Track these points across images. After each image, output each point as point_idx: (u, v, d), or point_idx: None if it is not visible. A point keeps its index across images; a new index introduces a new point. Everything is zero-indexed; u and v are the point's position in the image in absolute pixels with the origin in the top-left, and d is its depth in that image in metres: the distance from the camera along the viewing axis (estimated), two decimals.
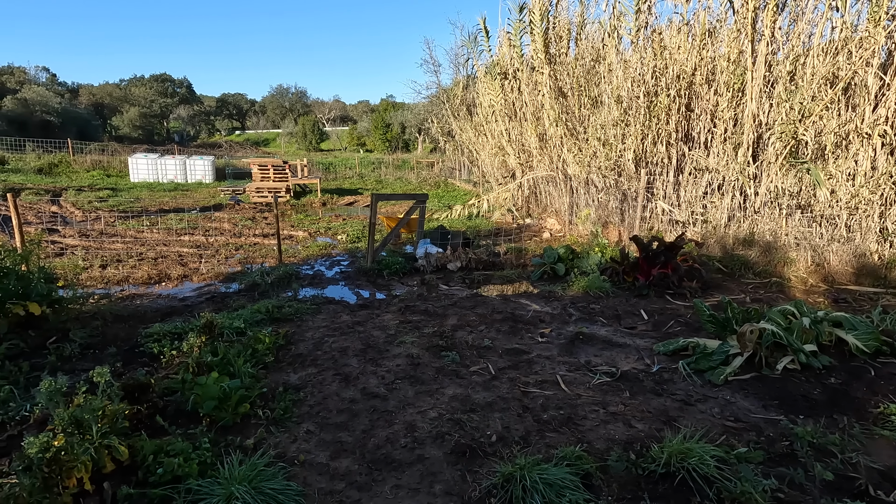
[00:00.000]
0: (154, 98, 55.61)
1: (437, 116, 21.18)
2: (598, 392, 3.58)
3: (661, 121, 8.34)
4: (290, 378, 3.72)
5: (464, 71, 17.65)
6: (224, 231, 10.44)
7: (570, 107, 10.50)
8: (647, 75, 8.22)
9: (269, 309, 5.06)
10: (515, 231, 10.35)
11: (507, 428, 3.06)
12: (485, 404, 3.35)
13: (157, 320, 4.94)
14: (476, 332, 4.77)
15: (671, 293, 5.98)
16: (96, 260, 7.40)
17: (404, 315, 5.24)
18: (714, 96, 8.00)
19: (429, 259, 7.30)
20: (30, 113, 38.01)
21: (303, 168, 21.29)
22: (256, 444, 2.80)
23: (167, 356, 3.92)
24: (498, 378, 3.78)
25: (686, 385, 3.67)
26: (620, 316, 5.29)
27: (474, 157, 16.69)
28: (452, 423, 3.08)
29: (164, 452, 2.56)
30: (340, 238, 9.84)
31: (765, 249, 7.11)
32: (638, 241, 6.23)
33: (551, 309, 5.51)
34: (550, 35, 10.55)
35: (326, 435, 2.97)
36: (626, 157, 8.94)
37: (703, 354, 3.93)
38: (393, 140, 47.64)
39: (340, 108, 70.98)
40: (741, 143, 7.71)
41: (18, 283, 4.21)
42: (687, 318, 5.18)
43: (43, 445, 2.13)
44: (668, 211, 8.53)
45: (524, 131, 12.35)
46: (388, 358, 4.11)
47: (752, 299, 5.93)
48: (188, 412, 3.10)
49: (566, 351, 4.35)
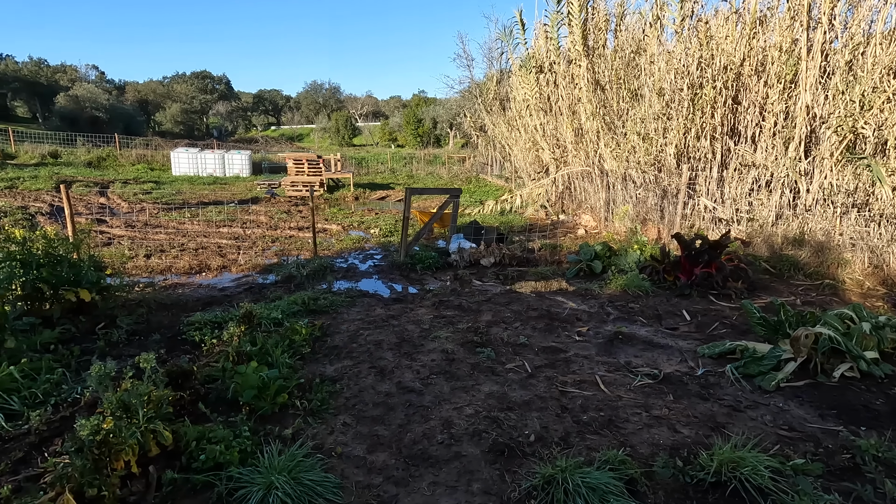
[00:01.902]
0: (195, 94, 57.42)
1: (470, 111, 21.06)
2: (639, 394, 3.45)
3: (705, 114, 8.00)
4: (326, 370, 3.75)
5: (497, 65, 17.47)
6: (261, 223, 10.66)
7: (607, 100, 10.22)
8: (691, 66, 7.89)
9: (305, 301, 5.12)
10: (549, 227, 10.17)
11: (546, 428, 2.98)
12: (522, 403, 3.28)
13: (198, 309, 5.06)
14: (511, 328, 4.69)
15: (715, 293, 5.74)
16: (141, 250, 7.67)
17: (438, 310, 5.21)
18: (764, 88, 7.61)
19: (462, 254, 7.25)
20: (80, 109, 39.87)
21: (336, 162, 21.56)
22: (294, 435, 2.82)
23: (208, 344, 4.01)
24: (535, 376, 3.70)
25: (734, 390, 3.50)
26: (661, 316, 5.11)
27: (507, 152, 16.52)
28: (489, 421, 3.02)
29: (207, 439, 2.60)
30: (373, 232, 9.90)
31: (816, 250, 6.73)
32: (680, 239, 6.00)
33: (588, 307, 5.37)
34: (589, 26, 10.28)
35: (363, 428, 2.96)
36: (668, 151, 8.63)
37: (752, 358, 3.74)
38: (424, 135, 47.72)
39: (373, 103, 71.57)
40: (792, 138, 7.32)
41: (70, 271, 4.38)
42: (732, 321, 4.95)
43: (94, 428, 2.18)
44: (712, 208, 8.19)
45: (559, 126, 12.11)
46: (422, 352, 4.09)
47: (804, 302, 5.63)
48: (228, 400, 3.15)
49: (605, 350, 4.23)
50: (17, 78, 44.61)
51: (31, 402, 3.07)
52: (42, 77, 46.13)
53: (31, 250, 4.27)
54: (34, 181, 16.02)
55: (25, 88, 45.44)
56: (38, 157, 21.88)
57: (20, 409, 2.97)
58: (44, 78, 46.12)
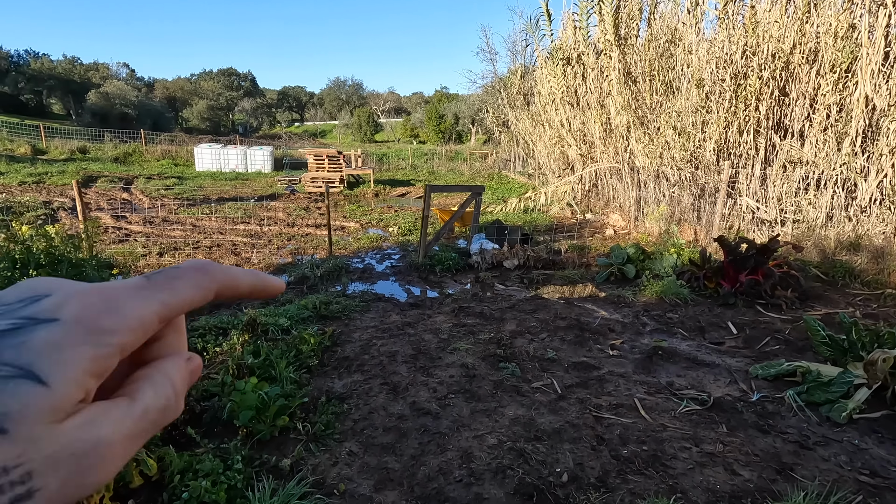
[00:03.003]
0: (221, 91, 58.21)
1: (492, 106, 20.58)
2: (686, 423, 3.02)
3: (749, 107, 7.41)
4: (334, 385, 3.42)
5: (521, 59, 16.97)
6: (278, 221, 10.47)
7: (639, 93, 9.65)
8: (735, 55, 7.30)
9: (317, 305, 4.81)
10: (575, 227, 9.69)
11: (580, 465, 2.58)
12: (551, 431, 2.89)
13: (204, 312, 4.81)
14: (537, 340, 4.29)
15: (763, 303, 5.22)
16: (155, 247, 7.51)
17: (458, 317, 4.84)
18: (815, 78, 6.98)
19: (484, 255, 6.86)
20: (110, 106, 40.77)
21: (357, 159, 21.36)
22: (293, 466, 2.49)
23: (210, 353, 3.74)
24: (565, 398, 3.30)
25: (798, 421, 3.04)
26: (704, 328, 4.63)
27: (530, 148, 16.02)
28: (515, 455, 2.64)
29: (193, 472, 2.29)
30: (392, 230, 9.58)
31: (875, 255, 6.12)
32: (724, 243, 5.48)
33: (621, 316, 4.93)
34: (621, 14, 9.71)
35: (371, 458, 2.62)
36: (706, 147, 8.05)
37: (817, 383, 3.26)
38: (446, 131, 47.32)
39: (395, 99, 71.47)
40: (847, 132, 6.69)
41: (71, 271, 4.16)
42: (785, 335, 4.44)
43: None
44: (755, 208, 7.60)
45: (586, 120, 11.58)
46: (440, 367, 3.73)
47: (864, 314, 5.06)
48: (225, 420, 2.85)
49: (643, 368, 3.79)
50: (52, 76, 45.91)
51: None
52: (75, 75, 47.35)
53: (31, 250, 4.06)
54: (61, 176, 16.24)
55: (60, 86, 46.73)
56: (67, 153, 22.31)
57: None
58: (77, 76, 47.35)
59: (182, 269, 0.27)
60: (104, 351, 0.23)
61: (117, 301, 0.24)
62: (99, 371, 0.23)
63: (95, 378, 0.23)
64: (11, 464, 0.20)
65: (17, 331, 0.22)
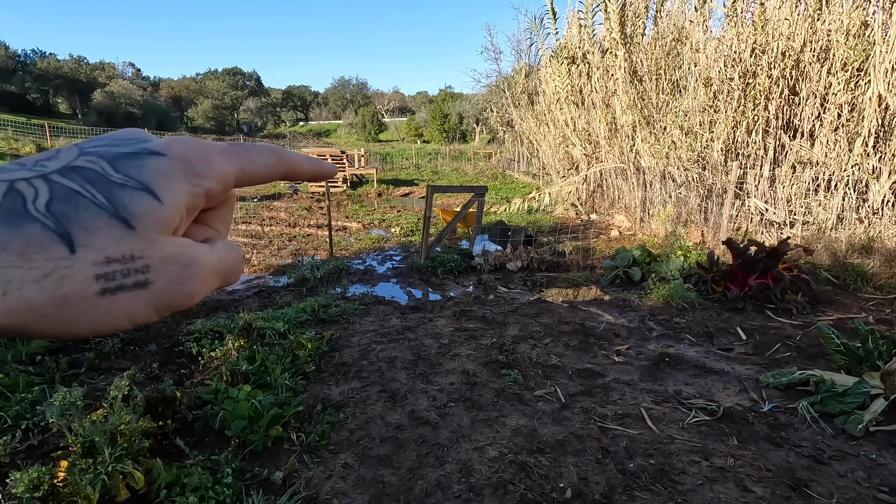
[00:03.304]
0: (226, 91, 58.33)
1: (497, 106, 20.46)
2: (695, 434, 2.91)
3: (758, 106, 7.26)
4: (330, 392, 3.32)
5: (526, 58, 16.85)
6: (280, 221, 10.40)
7: (645, 92, 9.51)
8: (744, 53, 7.16)
9: (315, 308, 4.72)
10: (580, 228, 9.56)
11: (585, 480, 2.47)
12: (555, 443, 2.79)
13: (201, 315, 4.73)
14: (540, 345, 4.18)
15: (772, 308, 5.08)
16: None
17: (459, 321, 4.74)
18: (826, 77, 6.83)
19: (486, 257, 6.75)
20: (116, 105, 40.91)
21: (360, 158, 21.30)
22: (286, 479, 2.40)
23: (206, 358, 3.65)
24: (569, 407, 3.19)
25: (812, 433, 2.92)
26: (712, 334, 4.51)
27: (534, 147, 15.89)
28: (516, 468, 2.54)
29: (181, 486, 2.20)
30: (394, 231, 9.49)
31: (888, 258, 5.97)
32: (732, 245, 5.35)
33: (627, 321, 4.81)
34: (627, 13, 9.57)
35: (367, 471, 2.52)
36: (714, 147, 7.91)
37: (831, 393, 3.14)
38: (450, 131, 47.21)
39: (399, 99, 71.43)
40: (859, 132, 6.54)
41: None
42: (797, 341, 4.31)
43: (32, 482, 1.80)
44: (763, 210, 7.45)
45: (591, 120, 11.44)
46: (440, 373, 3.63)
47: (877, 319, 4.92)
48: (217, 430, 2.76)
49: (649, 375, 3.68)
50: (58, 75, 46.12)
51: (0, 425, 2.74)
52: (81, 74, 47.54)
53: None
54: None
55: (66, 85, 46.94)
56: None
57: None
58: (83, 75, 47.54)
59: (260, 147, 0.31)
60: (197, 190, 0.27)
61: (209, 155, 0.28)
62: (192, 206, 0.27)
63: (189, 212, 0.27)
64: (137, 254, 0.24)
65: (136, 155, 0.26)
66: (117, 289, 0.24)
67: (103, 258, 0.23)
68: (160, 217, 0.25)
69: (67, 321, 0.23)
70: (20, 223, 0.22)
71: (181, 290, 0.26)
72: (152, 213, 0.25)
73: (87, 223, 0.23)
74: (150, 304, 0.25)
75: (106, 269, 0.23)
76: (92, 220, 0.23)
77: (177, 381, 3.39)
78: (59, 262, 0.22)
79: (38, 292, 0.22)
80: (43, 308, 0.22)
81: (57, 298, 0.22)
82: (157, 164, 0.26)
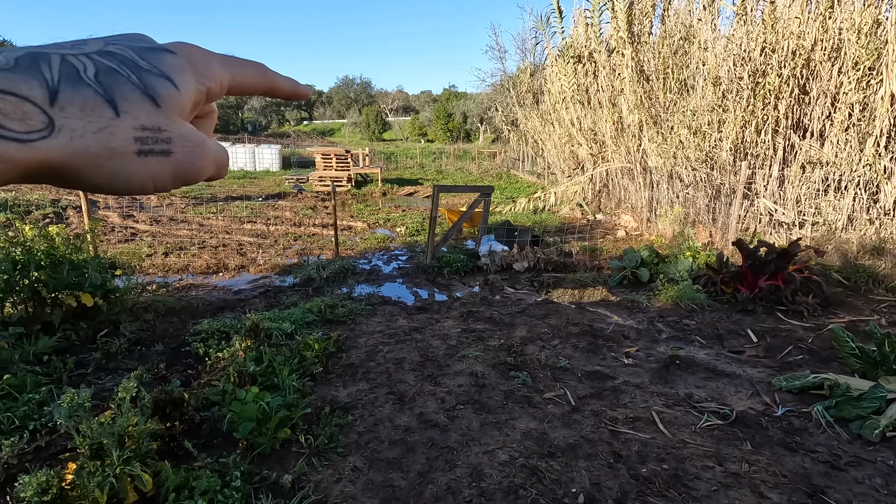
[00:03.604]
0: None
1: (501, 105, 20.40)
2: (707, 439, 2.87)
3: (767, 105, 7.19)
4: (338, 394, 3.30)
5: (531, 57, 16.82)
6: (285, 220, 10.39)
7: (652, 91, 9.44)
8: (754, 52, 7.08)
9: (322, 309, 4.70)
10: (586, 228, 9.51)
11: (597, 485, 2.44)
12: (566, 447, 2.75)
13: (208, 315, 4.72)
14: (549, 347, 4.14)
15: (783, 310, 5.03)
16: (160, 247, 7.45)
17: (466, 322, 4.70)
18: (837, 76, 6.75)
19: (493, 258, 6.71)
20: None
21: (364, 157, 21.29)
22: (294, 483, 2.38)
23: (213, 358, 3.62)
24: (579, 410, 3.16)
25: (827, 438, 2.87)
26: (722, 336, 4.46)
27: (539, 147, 15.84)
28: (527, 473, 2.51)
29: (189, 489, 2.18)
30: (399, 230, 9.47)
31: None
32: (742, 246, 5.29)
33: (636, 322, 4.77)
34: (634, 11, 9.51)
35: (376, 475, 2.49)
36: (722, 147, 7.84)
37: (846, 398, 3.09)
38: (454, 130, 47.16)
39: (403, 98, 71.41)
40: (870, 132, 6.46)
41: (72, 273, 4.08)
42: (808, 344, 4.26)
43: (41, 486, 1.78)
44: (773, 210, 7.38)
45: (598, 119, 11.38)
46: (448, 375, 3.59)
47: (889, 322, 4.86)
48: (225, 432, 2.74)
49: (659, 378, 3.64)
50: None
51: (7, 427, 2.72)
52: None
53: (31, 251, 3.98)
54: None
55: None
56: None
57: None
58: None
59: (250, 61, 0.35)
60: (201, 88, 0.31)
61: (210, 60, 0.32)
62: (196, 101, 0.31)
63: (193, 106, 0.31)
64: (163, 127, 0.28)
65: (155, 50, 0.30)
66: (149, 152, 0.28)
67: (139, 125, 0.27)
68: (178, 101, 0.29)
69: (112, 172, 0.27)
70: (78, 86, 0.26)
71: (193, 164, 0.30)
72: (173, 97, 0.29)
73: (126, 95, 0.27)
74: (170, 171, 0.29)
75: (141, 133, 0.27)
76: (129, 94, 0.27)
77: (184, 382, 3.37)
78: (109, 121, 0.26)
79: (94, 142, 0.26)
80: (98, 157, 0.26)
81: (107, 150, 0.26)
82: (171, 60, 0.30)
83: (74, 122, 0.25)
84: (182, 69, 0.30)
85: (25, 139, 0.24)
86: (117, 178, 0.27)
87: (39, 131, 0.24)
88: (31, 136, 0.24)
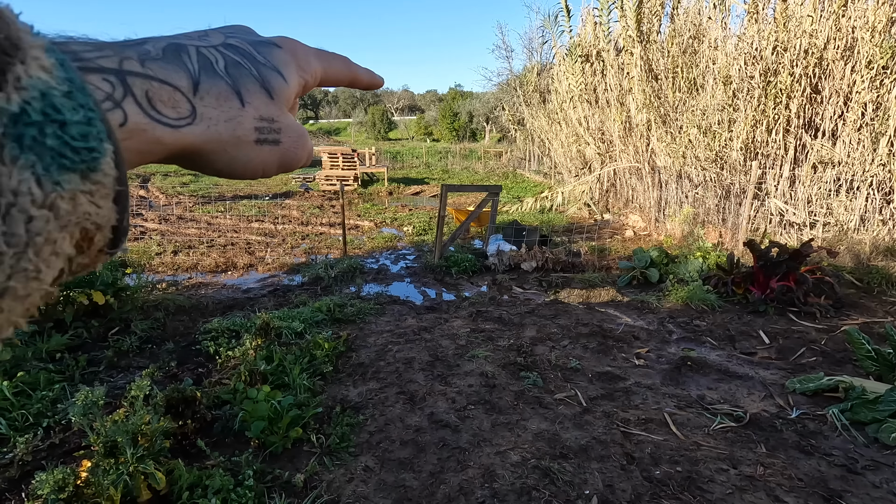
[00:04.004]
0: None
1: (508, 104, 20.36)
2: (721, 441, 2.84)
3: (779, 104, 7.12)
4: (349, 393, 3.30)
5: (538, 56, 16.74)
6: (292, 219, 10.42)
7: (661, 90, 9.38)
8: (766, 51, 7.02)
9: (331, 308, 4.70)
10: (594, 228, 9.47)
11: (611, 487, 2.42)
12: (578, 448, 2.73)
13: (217, 314, 4.74)
14: (559, 347, 4.13)
15: (795, 311, 4.98)
16: (170, 245, 7.49)
17: (475, 322, 4.69)
18: (850, 75, 6.68)
19: (501, 257, 6.69)
20: None
21: (371, 157, 21.31)
22: (307, 482, 2.37)
23: (223, 357, 3.64)
24: (590, 411, 3.14)
25: (842, 442, 2.84)
26: (734, 337, 4.42)
27: (546, 146, 15.79)
28: (540, 474, 2.49)
29: (202, 487, 2.19)
30: (406, 230, 9.46)
31: None
32: (754, 247, 5.25)
33: (646, 323, 4.74)
34: (643, 10, 9.45)
35: (388, 475, 2.49)
36: (733, 146, 7.78)
37: (862, 401, 3.05)
38: (460, 129, 47.10)
39: (409, 97, 71.43)
40: (884, 131, 6.38)
41: None
42: (822, 346, 4.21)
43: (58, 483, 1.79)
44: (784, 210, 7.32)
45: (605, 118, 11.33)
46: (458, 375, 3.58)
47: None
48: (236, 430, 2.74)
49: (671, 380, 3.61)
50: None
51: (21, 424, 2.74)
52: None
53: None
54: None
55: None
56: None
57: (7, 432, 2.65)
58: None
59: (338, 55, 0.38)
60: (301, 81, 0.34)
61: (309, 55, 0.35)
62: (297, 93, 0.34)
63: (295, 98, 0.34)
64: (276, 118, 0.31)
65: (266, 44, 0.32)
66: (264, 141, 0.31)
67: (259, 115, 0.30)
68: (287, 94, 0.32)
69: (234, 158, 0.30)
70: (214, 78, 0.28)
71: (297, 153, 0.33)
72: (283, 90, 0.32)
73: (248, 87, 0.30)
74: (277, 158, 0.32)
75: (259, 124, 0.30)
76: (251, 86, 0.30)
77: (195, 381, 3.38)
78: (238, 112, 0.29)
79: (225, 130, 0.28)
80: (226, 144, 0.29)
81: (234, 138, 0.29)
82: (280, 54, 0.33)
83: (211, 111, 0.28)
84: (288, 63, 0.33)
85: (175, 125, 0.26)
86: (236, 163, 0.30)
87: (185, 118, 0.27)
88: (180, 122, 0.26)
